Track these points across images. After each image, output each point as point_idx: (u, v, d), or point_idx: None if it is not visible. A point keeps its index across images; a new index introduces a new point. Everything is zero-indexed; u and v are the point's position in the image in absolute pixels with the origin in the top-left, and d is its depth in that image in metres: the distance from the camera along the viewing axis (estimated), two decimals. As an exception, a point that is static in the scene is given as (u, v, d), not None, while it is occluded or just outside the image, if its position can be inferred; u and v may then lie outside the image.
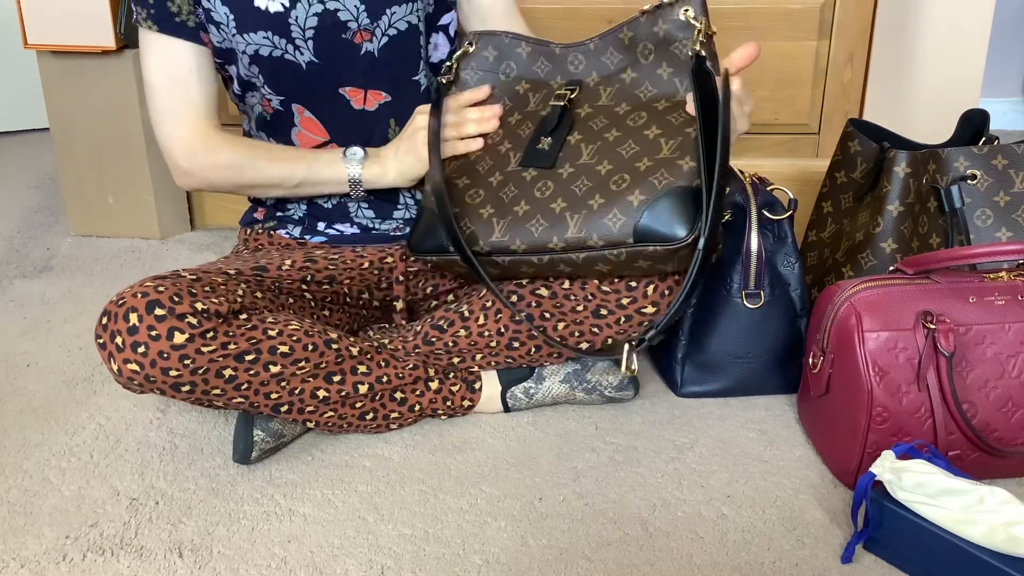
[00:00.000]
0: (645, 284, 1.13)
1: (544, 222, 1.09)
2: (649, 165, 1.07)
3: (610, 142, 1.11)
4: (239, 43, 1.17)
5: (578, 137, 1.13)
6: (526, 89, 1.20)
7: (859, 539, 0.98)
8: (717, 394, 1.30)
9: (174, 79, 1.19)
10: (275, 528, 1.05)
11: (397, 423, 1.21)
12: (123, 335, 1.00)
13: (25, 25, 1.72)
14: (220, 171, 1.22)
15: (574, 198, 1.08)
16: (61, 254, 1.84)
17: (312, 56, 1.18)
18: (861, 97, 1.76)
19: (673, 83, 1.13)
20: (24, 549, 1.02)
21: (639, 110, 1.12)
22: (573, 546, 1.01)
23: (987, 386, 1.04)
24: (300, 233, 1.28)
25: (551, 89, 1.19)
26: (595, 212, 1.06)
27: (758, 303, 1.26)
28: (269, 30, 1.16)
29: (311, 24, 1.16)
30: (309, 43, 1.17)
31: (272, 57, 1.18)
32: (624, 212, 1.05)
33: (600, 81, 1.17)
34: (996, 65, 2.53)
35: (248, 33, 1.16)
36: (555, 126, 1.14)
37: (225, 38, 1.18)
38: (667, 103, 1.12)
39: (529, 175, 1.12)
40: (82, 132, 1.84)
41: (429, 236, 1.16)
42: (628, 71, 1.16)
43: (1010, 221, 1.25)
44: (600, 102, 1.16)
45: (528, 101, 1.20)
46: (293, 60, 1.18)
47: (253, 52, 1.17)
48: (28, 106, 2.63)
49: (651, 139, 1.09)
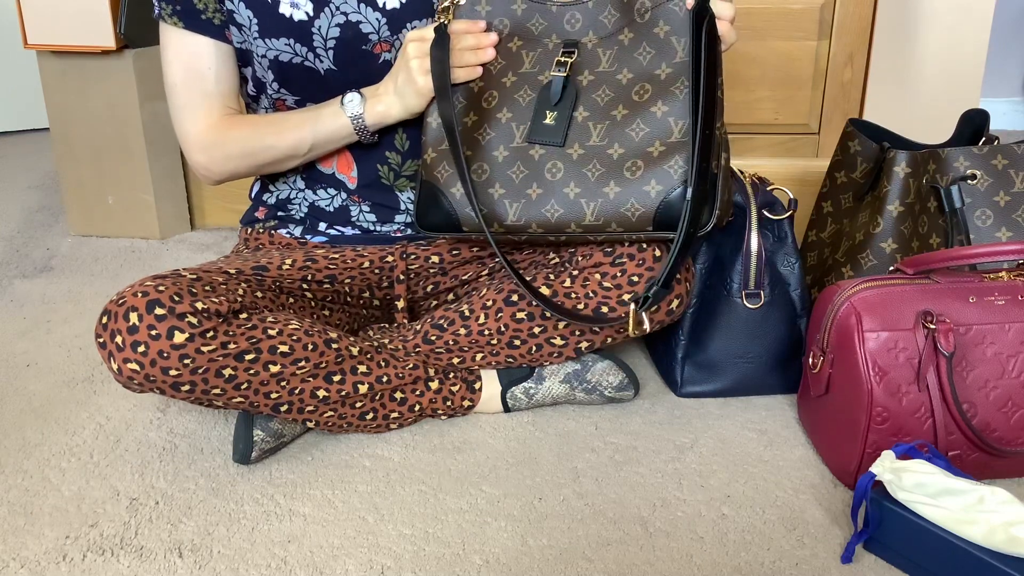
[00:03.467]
0: (645, 280, 1.13)
1: (559, 207, 1.09)
2: (662, 151, 1.07)
3: (618, 121, 1.10)
4: (259, 47, 1.17)
5: (584, 114, 1.11)
6: (519, 47, 1.16)
7: (859, 539, 0.98)
8: (717, 394, 1.30)
9: (191, 75, 1.19)
10: (275, 528, 1.05)
11: (397, 423, 1.21)
12: (123, 334, 1.00)
13: (25, 25, 1.72)
14: (236, 161, 1.21)
15: (587, 184, 1.08)
16: (61, 254, 1.84)
17: (331, 64, 1.18)
18: (861, 97, 1.76)
19: (670, 42, 1.10)
20: (24, 549, 1.02)
21: (642, 80, 1.10)
22: (573, 546, 1.01)
23: (987, 386, 1.04)
24: (301, 233, 1.28)
25: (546, 49, 1.15)
26: (611, 201, 1.07)
27: (758, 303, 1.26)
28: (292, 37, 1.16)
29: (333, 34, 1.16)
30: (329, 52, 1.17)
31: (292, 64, 1.17)
32: (642, 202, 1.06)
33: (598, 43, 1.14)
34: (996, 65, 2.53)
35: (270, 38, 1.16)
36: (559, 99, 1.12)
37: (245, 40, 1.18)
38: (668, 69, 1.10)
39: (537, 153, 1.11)
40: (82, 132, 1.84)
41: (433, 206, 1.14)
42: (625, 31, 1.13)
43: (1010, 221, 1.25)
44: (601, 67, 1.13)
45: (522, 61, 1.15)
46: (312, 67, 1.18)
47: (273, 57, 1.17)
48: (28, 106, 2.63)
49: (659, 118, 1.08)
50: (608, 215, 1.08)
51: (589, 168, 1.09)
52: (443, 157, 1.14)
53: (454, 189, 1.12)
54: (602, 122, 1.10)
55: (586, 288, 1.15)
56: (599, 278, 1.14)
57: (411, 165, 1.25)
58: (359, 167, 1.25)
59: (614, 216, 1.08)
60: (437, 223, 1.14)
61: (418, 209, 1.15)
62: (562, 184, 1.09)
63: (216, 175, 1.24)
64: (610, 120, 1.10)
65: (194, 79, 1.19)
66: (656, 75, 1.10)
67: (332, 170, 1.26)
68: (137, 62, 1.77)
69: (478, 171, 1.12)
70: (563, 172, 1.10)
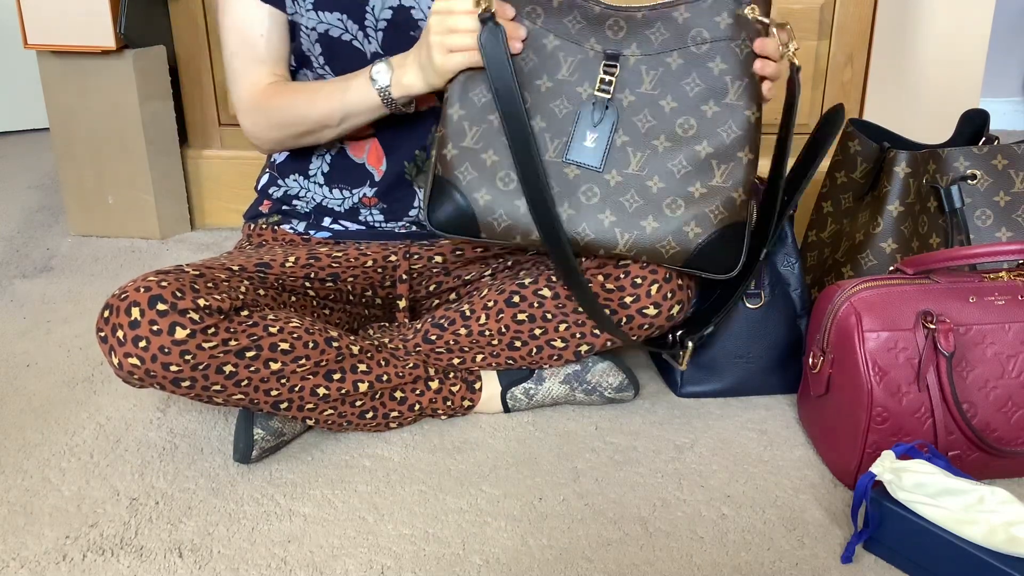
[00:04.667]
0: (648, 284, 1.12)
1: (591, 232, 1.07)
2: (703, 192, 1.06)
3: (660, 153, 1.07)
4: (311, 20, 1.18)
5: (624, 139, 1.07)
6: (555, 47, 1.07)
7: (859, 539, 0.98)
8: (717, 394, 1.29)
9: (246, 42, 1.21)
10: (275, 528, 1.05)
11: (397, 422, 1.21)
12: (124, 329, 1.00)
13: (25, 25, 1.72)
14: (277, 131, 1.22)
15: (623, 213, 1.07)
16: (61, 254, 1.84)
17: (379, 47, 1.19)
18: (861, 97, 1.76)
19: (723, 81, 1.06)
20: (24, 549, 1.02)
21: (686, 114, 1.06)
22: (573, 546, 1.01)
23: (987, 386, 1.04)
24: (304, 228, 1.28)
25: (586, 56, 1.07)
26: (647, 235, 1.07)
27: (758, 303, 1.26)
28: (345, 13, 1.17)
29: (384, 16, 1.17)
30: (379, 34, 1.18)
31: (341, 40, 1.18)
32: (678, 242, 1.07)
33: (642, 59, 1.07)
34: (996, 65, 2.53)
35: (324, 11, 1.17)
36: (599, 120, 1.07)
37: (298, 11, 1.18)
38: (715, 108, 1.06)
39: (572, 172, 1.07)
40: (82, 132, 1.84)
41: (448, 207, 1.08)
42: (675, 56, 1.07)
43: (1010, 221, 1.25)
44: (643, 88, 1.07)
45: (559, 64, 1.07)
46: (360, 48, 1.19)
47: (323, 31, 1.18)
48: (28, 106, 2.63)
49: (703, 158, 1.06)
50: (641, 248, 1.07)
51: (627, 198, 1.07)
52: (466, 157, 1.07)
53: (477, 195, 1.07)
54: (642, 151, 1.07)
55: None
56: (602, 279, 1.14)
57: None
58: (388, 161, 1.25)
59: (647, 250, 1.07)
60: (451, 226, 1.09)
61: (430, 206, 1.09)
62: (597, 210, 1.07)
63: (263, 142, 1.25)
64: (651, 150, 1.07)
65: (247, 46, 1.21)
66: (703, 111, 1.06)
67: (363, 159, 1.26)
68: (137, 62, 1.77)
69: (505, 179, 1.07)
70: (598, 198, 1.07)
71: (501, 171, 1.07)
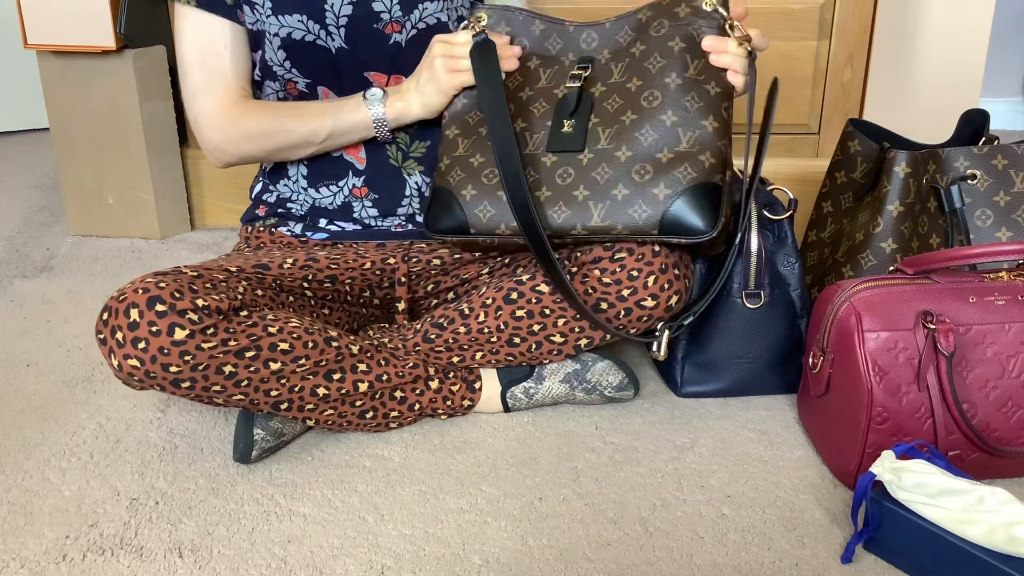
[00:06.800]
0: (645, 276, 1.12)
1: (566, 209, 1.11)
2: (671, 158, 1.09)
3: (627, 125, 1.12)
4: (272, 25, 1.18)
5: (595, 120, 1.14)
6: (536, 65, 1.20)
7: (859, 539, 0.98)
8: (717, 394, 1.30)
9: (207, 54, 1.21)
10: (275, 528, 1.05)
11: (397, 422, 1.21)
12: (124, 330, 1.00)
13: (25, 25, 1.72)
14: (251, 141, 1.22)
15: (596, 186, 1.10)
16: (61, 254, 1.84)
17: (342, 43, 1.20)
18: (861, 97, 1.76)
19: (684, 57, 1.12)
20: (24, 549, 1.02)
21: (651, 88, 1.12)
22: (573, 546, 1.01)
23: (987, 386, 1.04)
24: (301, 230, 1.28)
25: (563, 66, 1.19)
26: (619, 203, 1.09)
27: (758, 303, 1.26)
28: (304, 14, 1.18)
29: (345, 12, 1.18)
30: (341, 30, 1.19)
31: (304, 41, 1.19)
32: (649, 205, 1.08)
33: (611, 57, 1.17)
34: (996, 65, 2.53)
35: (283, 15, 1.17)
36: (575, 108, 1.15)
37: (258, 19, 1.19)
38: (678, 80, 1.12)
39: (549, 160, 1.13)
40: (82, 132, 1.84)
41: (445, 212, 1.15)
42: (638, 44, 1.15)
43: (1010, 221, 1.25)
44: (612, 79, 1.16)
45: (540, 77, 1.19)
46: (324, 45, 1.20)
47: (285, 35, 1.18)
48: (28, 106, 2.63)
49: (668, 126, 1.10)
50: (614, 217, 1.09)
51: (598, 172, 1.11)
52: (456, 162, 1.16)
53: (464, 192, 1.14)
54: (611, 126, 1.13)
55: (585, 284, 1.15)
56: (598, 274, 1.14)
57: (419, 146, 1.26)
58: (367, 148, 1.26)
59: (620, 217, 1.09)
60: (448, 227, 1.15)
61: (429, 216, 1.17)
62: (572, 187, 1.11)
63: (229, 156, 1.25)
64: (619, 124, 1.13)
65: (210, 59, 1.21)
66: (666, 83, 1.12)
67: (339, 152, 1.26)
68: (137, 62, 1.77)
69: (488, 176, 1.14)
70: (573, 177, 1.12)
71: (486, 169, 1.15)
